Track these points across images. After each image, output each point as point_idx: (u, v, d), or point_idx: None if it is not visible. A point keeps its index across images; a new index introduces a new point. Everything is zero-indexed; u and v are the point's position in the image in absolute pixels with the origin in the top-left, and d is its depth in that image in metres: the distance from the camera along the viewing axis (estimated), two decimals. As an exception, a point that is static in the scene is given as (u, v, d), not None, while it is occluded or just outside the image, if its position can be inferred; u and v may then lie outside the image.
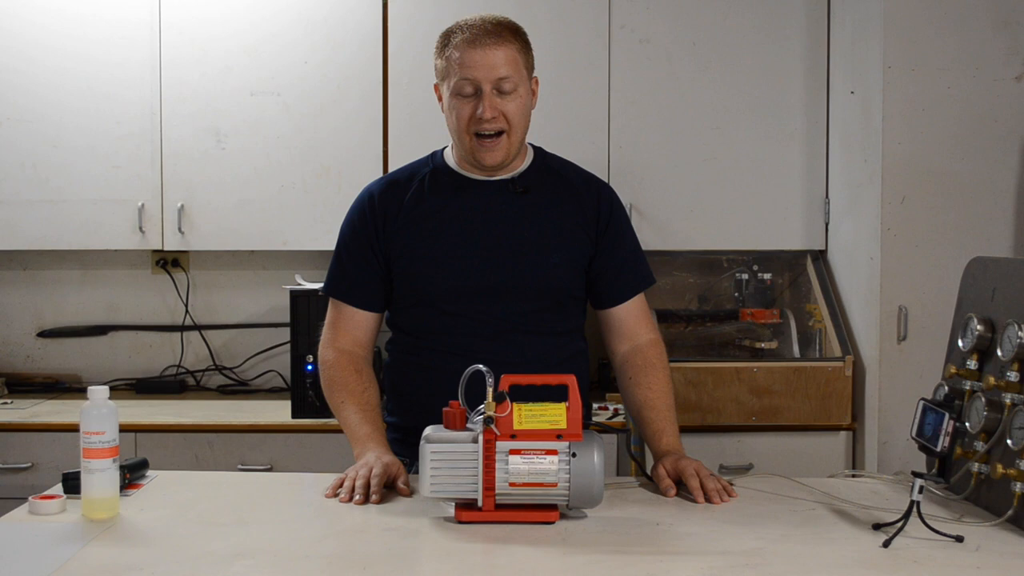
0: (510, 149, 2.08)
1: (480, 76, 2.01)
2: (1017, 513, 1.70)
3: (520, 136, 2.09)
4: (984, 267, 1.97)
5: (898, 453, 3.01)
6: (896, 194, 3.04)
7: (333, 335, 2.16)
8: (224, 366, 3.71)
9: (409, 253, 2.10)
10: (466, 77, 2.01)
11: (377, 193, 2.16)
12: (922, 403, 1.88)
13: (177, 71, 3.37)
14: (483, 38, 2.01)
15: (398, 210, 2.12)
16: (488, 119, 2.02)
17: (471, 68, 2.01)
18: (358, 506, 1.83)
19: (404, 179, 2.17)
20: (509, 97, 2.03)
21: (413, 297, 2.12)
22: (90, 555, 1.58)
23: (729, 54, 3.41)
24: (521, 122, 2.07)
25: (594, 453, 1.70)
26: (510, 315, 2.08)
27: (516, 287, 2.08)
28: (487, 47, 2.01)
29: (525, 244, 2.09)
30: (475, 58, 2.00)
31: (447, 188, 2.13)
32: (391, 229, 2.11)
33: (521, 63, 2.05)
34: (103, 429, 1.73)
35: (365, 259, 2.14)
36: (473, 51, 2.01)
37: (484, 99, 2.01)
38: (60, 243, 3.40)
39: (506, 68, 2.02)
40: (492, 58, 2.00)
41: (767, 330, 3.41)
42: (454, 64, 2.02)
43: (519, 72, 2.04)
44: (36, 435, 3.09)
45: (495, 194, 2.12)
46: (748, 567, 1.53)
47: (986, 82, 3.03)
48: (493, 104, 2.02)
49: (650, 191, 3.40)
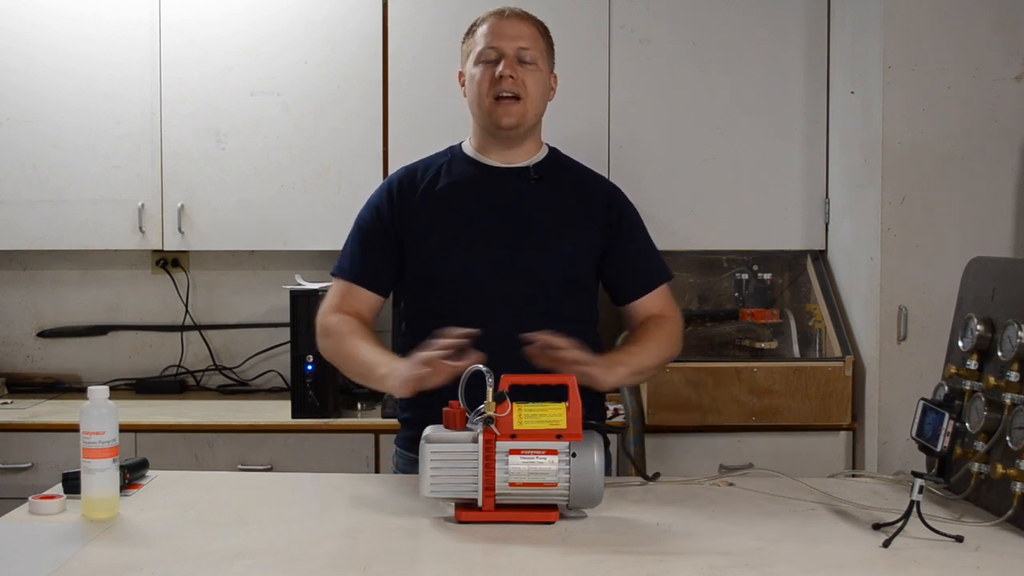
0: (526, 115, 2.15)
1: (504, 44, 2.14)
2: (1017, 513, 1.70)
3: (535, 110, 2.18)
4: (984, 267, 1.97)
5: (898, 453, 3.01)
6: (896, 194, 3.04)
7: (337, 303, 2.20)
8: (224, 366, 3.71)
9: (425, 235, 2.16)
10: (491, 45, 2.14)
11: (396, 181, 2.23)
12: (922, 403, 1.88)
13: (177, 71, 3.37)
14: (511, 15, 2.18)
15: (414, 196, 2.19)
16: (507, 77, 2.11)
17: (496, 37, 2.14)
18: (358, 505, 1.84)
19: (423, 167, 2.25)
20: (529, 68, 2.14)
21: (427, 278, 2.16)
22: (90, 555, 1.58)
23: (729, 54, 3.41)
24: (538, 96, 2.17)
25: (594, 453, 1.70)
26: (524, 298, 2.12)
27: (530, 271, 2.13)
28: (513, 20, 2.17)
29: (539, 230, 2.16)
30: (501, 28, 2.15)
31: (465, 173, 2.20)
32: (408, 212, 2.17)
33: (543, 44, 2.19)
34: (103, 429, 1.73)
35: (379, 243, 2.19)
36: (500, 22, 2.16)
37: (506, 60, 2.13)
38: (60, 243, 3.40)
39: (528, 40, 2.15)
40: (517, 29, 2.15)
41: (767, 330, 3.41)
42: (480, 37, 2.16)
43: (540, 50, 2.17)
44: (36, 435, 3.09)
45: (511, 180, 2.19)
46: (748, 567, 1.53)
47: (986, 82, 3.03)
48: (513, 67, 2.12)
49: (650, 191, 3.40)
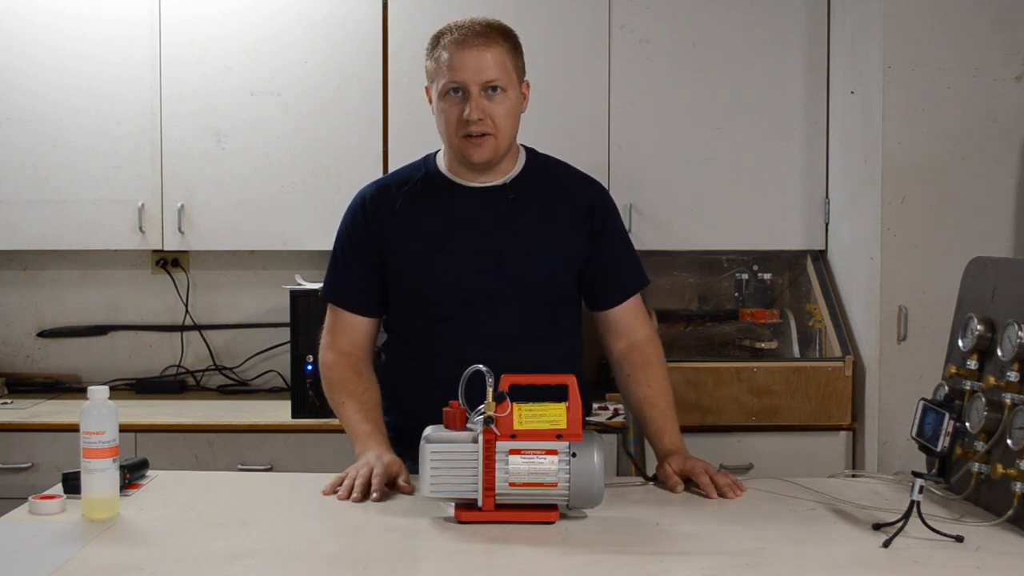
0: (497, 149, 2.06)
1: (468, 79, 1.99)
2: (1017, 513, 1.70)
3: (507, 140, 2.07)
4: (984, 267, 1.97)
5: (898, 453, 3.01)
6: (896, 194, 3.03)
7: (332, 339, 2.16)
8: (224, 366, 3.71)
9: (401, 259, 2.10)
10: (454, 80, 2.00)
11: (369, 197, 2.15)
12: (922, 403, 1.88)
13: (177, 71, 3.37)
14: (472, 39, 1.99)
15: (390, 214, 2.11)
16: (475, 120, 2.00)
17: (459, 70, 1.99)
18: (358, 505, 1.83)
19: (396, 184, 2.16)
20: (497, 100, 2.01)
21: (406, 302, 2.13)
22: (90, 555, 1.58)
23: (729, 54, 3.41)
24: (509, 125, 2.05)
25: (594, 453, 1.70)
26: (502, 322, 2.08)
27: (508, 294, 2.08)
28: (476, 48, 1.99)
29: (517, 251, 2.08)
30: (464, 60, 1.99)
31: (438, 194, 2.12)
32: (383, 233, 2.11)
33: (510, 66, 2.03)
34: (103, 429, 1.73)
35: (360, 264, 2.13)
36: (462, 53, 1.99)
37: (472, 101, 1.99)
38: (60, 243, 3.40)
39: (494, 71, 2.00)
40: (480, 60, 1.99)
41: (767, 330, 3.41)
42: (443, 66, 2.01)
43: (508, 75, 2.02)
44: (36, 435, 3.09)
45: (486, 201, 2.10)
46: (748, 567, 1.53)
47: (986, 82, 3.03)
48: (480, 106, 2.00)
49: (650, 191, 3.40)
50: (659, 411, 2.10)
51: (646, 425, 2.12)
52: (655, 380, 2.13)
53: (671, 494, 1.95)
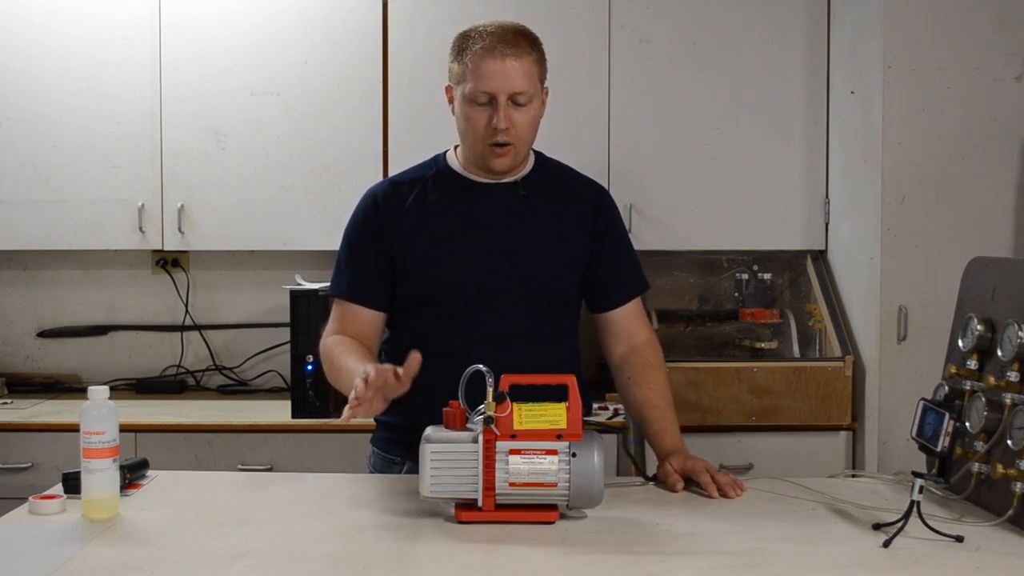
0: (518, 157, 2.09)
1: (497, 87, 1.99)
2: (1017, 513, 1.70)
3: (527, 147, 2.10)
4: (984, 267, 1.97)
5: (898, 453, 3.01)
6: (896, 194, 3.04)
7: (337, 327, 2.15)
8: (224, 366, 3.71)
9: (412, 255, 2.10)
10: (483, 88, 1.99)
11: (380, 194, 2.15)
12: (922, 403, 1.88)
13: (177, 71, 3.37)
14: (502, 48, 1.99)
15: (401, 212, 2.12)
16: (503, 129, 2.01)
17: (488, 79, 1.99)
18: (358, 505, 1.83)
19: (408, 181, 2.16)
20: (523, 109, 2.02)
21: (414, 298, 2.12)
22: (90, 555, 1.58)
23: (729, 54, 3.41)
24: (530, 134, 2.08)
25: (594, 453, 1.70)
26: (507, 321, 2.08)
27: (515, 293, 2.09)
28: (506, 58, 1.99)
29: (528, 251, 2.10)
30: (493, 68, 1.99)
31: (451, 191, 2.13)
32: (394, 230, 2.11)
33: (536, 75, 2.04)
34: (103, 429, 1.73)
35: (369, 260, 2.13)
36: (491, 61, 1.99)
37: (499, 111, 2.00)
38: (60, 243, 3.40)
39: (523, 82, 2.00)
40: (510, 70, 1.99)
41: (767, 330, 3.41)
42: (470, 72, 2.00)
43: (534, 85, 2.03)
44: (36, 435, 3.09)
45: (499, 197, 2.12)
46: (748, 567, 1.53)
47: (986, 82, 3.03)
48: (508, 116, 2.00)
49: (650, 191, 3.40)
50: (659, 412, 2.10)
51: (646, 427, 2.12)
52: (655, 383, 2.13)
53: (671, 494, 1.95)
